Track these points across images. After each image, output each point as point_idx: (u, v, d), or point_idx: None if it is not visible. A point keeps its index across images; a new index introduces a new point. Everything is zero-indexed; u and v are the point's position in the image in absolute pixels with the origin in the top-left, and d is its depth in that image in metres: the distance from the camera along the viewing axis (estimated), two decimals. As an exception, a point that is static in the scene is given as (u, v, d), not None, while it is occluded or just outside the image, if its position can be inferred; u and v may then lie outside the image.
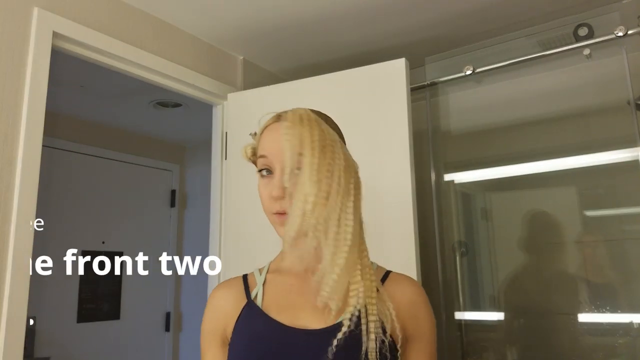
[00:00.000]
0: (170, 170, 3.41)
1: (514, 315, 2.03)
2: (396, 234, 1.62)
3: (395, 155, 1.66)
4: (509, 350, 1.93)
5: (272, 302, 0.82)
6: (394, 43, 2.07)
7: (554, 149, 2.02)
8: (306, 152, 0.74)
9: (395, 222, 1.63)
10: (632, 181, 1.81)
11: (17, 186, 1.37)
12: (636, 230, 1.89)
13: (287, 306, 0.80)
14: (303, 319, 0.78)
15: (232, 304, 0.83)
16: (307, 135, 0.76)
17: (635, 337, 1.76)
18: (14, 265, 1.32)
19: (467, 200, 2.23)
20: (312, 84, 1.87)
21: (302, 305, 0.80)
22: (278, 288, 0.84)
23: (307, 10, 1.82)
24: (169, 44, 1.87)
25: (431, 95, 2.03)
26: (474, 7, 1.82)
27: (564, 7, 1.81)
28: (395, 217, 1.63)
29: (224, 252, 1.94)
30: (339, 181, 0.75)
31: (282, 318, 0.78)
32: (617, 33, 1.62)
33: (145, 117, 2.94)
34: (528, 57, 1.80)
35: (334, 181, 0.75)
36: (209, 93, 2.02)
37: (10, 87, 1.39)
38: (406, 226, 1.61)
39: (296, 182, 0.74)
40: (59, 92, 2.39)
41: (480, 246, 2.15)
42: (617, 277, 1.90)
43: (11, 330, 1.30)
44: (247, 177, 1.98)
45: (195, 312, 3.12)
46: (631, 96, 1.70)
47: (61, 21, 1.52)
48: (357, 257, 0.77)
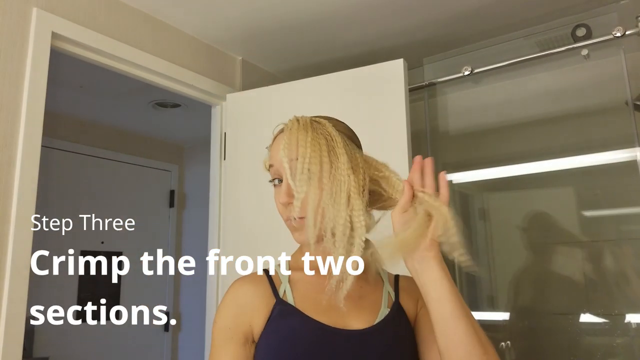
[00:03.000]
0: (169, 171, 3.41)
1: (512, 315, 2.03)
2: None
3: (394, 156, 1.65)
4: (508, 350, 1.93)
5: (305, 300, 0.79)
6: (392, 44, 2.08)
7: (552, 149, 2.02)
8: (299, 157, 0.76)
9: (393, 222, 1.63)
10: (630, 181, 1.81)
11: (17, 186, 1.37)
12: (634, 230, 1.90)
13: (323, 305, 0.78)
14: (342, 318, 0.77)
15: (260, 300, 0.79)
16: (301, 139, 0.77)
17: (633, 337, 1.76)
18: (13, 265, 1.32)
19: (465, 201, 2.23)
20: (311, 84, 1.87)
21: (337, 305, 0.77)
22: (307, 287, 0.82)
23: (306, 11, 1.82)
24: (168, 45, 1.88)
25: (429, 95, 2.04)
26: (472, 8, 1.82)
27: (562, 8, 1.82)
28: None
29: (223, 252, 1.95)
30: (342, 182, 0.76)
31: (321, 317, 0.77)
32: (615, 33, 1.61)
33: (144, 118, 2.94)
34: (526, 58, 1.80)
35: (335, 184, 0.76)
36: (207, 93, 2.02)
37: (9, 87, 1.39)
38: (404, 226, 1.61)
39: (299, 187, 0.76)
40: (58, 92, 2.40)
41: (478, 246, 2.15)
42: (615, 277, 1.90)
43: (10, 330, 1.30)
44: (246, 178, 1.99)
45: (195, 312, 3.13)
46: (629, 96, 1.70)
47: (60, 22, 1.53)
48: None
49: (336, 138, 0.80)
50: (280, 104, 1.90)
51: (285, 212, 0.80)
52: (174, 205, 3.37)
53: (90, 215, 1.28)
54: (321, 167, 0.76)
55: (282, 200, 0.78)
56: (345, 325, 0.77)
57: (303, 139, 0.77)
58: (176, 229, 3.35)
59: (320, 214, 0.74)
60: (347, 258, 0.74)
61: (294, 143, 0.77)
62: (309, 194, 0.75)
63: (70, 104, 2.66)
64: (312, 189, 0.75)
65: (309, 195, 0.75)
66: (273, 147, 0.84)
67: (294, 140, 0.78)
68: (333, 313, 0.77)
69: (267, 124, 1.98)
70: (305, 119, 0.82)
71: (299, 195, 0.75)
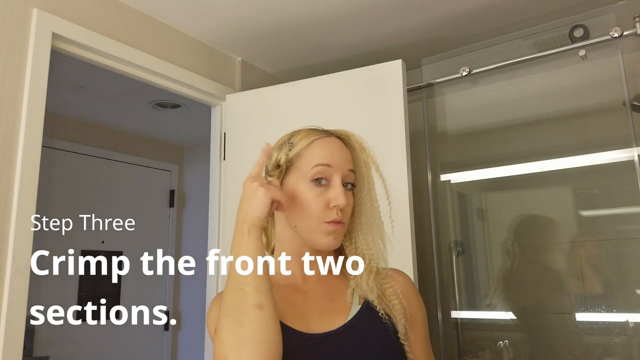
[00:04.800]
0: (169, 171, 3.42)
1: (509, 315, 2.04)
2: (393, 233, 1.63)
3: (392, 156, 1.67)
4: (505, 349, 1.93)
5: (280, 309, 0.80)
6: (390, 45, 2.08)
7: (550, 150, 2.03)
8: (365, 170, 0.88)
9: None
10: (627, 181, 1.82)
11: (17, 186, 1.37)
12: (631, 230, 1.90)
13: (296, 313, 0.81)
14: (316, 325, 0.80)
15: None
16: (369, 154, 0.89)
17: (630, 337, 1.77)
18: (13, 265, 1.33)
19: (463, 200, 2.24)
20: (310, 85, 1.88)
21: (310, 311, 0.82)
22: (281, 295, 0.83)
23: (305, 12, 1.83)
24: (167, 46, 1.88)
25: (427, 96, 2.04)
26: (470, 9, 1.83)
27: (560, 9, 1.82)
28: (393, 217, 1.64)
29: (223, 252, 1.95)
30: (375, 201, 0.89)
31: (297, 324, 0.79)
32: (613, 34, 1.62)
33: (145, 118, 2.95)
34: (524, 58, 1.81)
35: (374, 203, 0.89)
36: (207, 94, 2.03)
37: (10, 87, 1.40)
38: (403, 226, 1.62)
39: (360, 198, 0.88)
40: (58, 92, 2.40)
41: (476, 246, 2.16)
42: (612, 277, 1.91)
43: (10, 330, 1.31)
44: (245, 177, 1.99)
45: (194, 311, 3.14)
46: (626, 97, 1.71)
47: (60, 22, 1.53)
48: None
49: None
50: (279, 104, 1.91)
51: (329, 214, 0.81)
52: (174, 205, 3.37)
53: (90, 215, 1.29)
54: (369, 186, 0.88)
55: (342, 203, 0.81)
56: (319, 330, 0.79)
57: (368, 157, 0.88)
58: (176, 229, 3.35)
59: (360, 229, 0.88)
60: (370, 263, 0.86)
61: (367, 158, 0.88)
62: (352, 204, 0.86)
63: (70, 104, 2.67)
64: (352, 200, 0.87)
65: (352, 204, 0.87)
66: (324, 147, 0.85)
67: (366, 155, 0.88)
68: (306, 319, 0.80)
69: (267, 124, 2.00)
70: (358, 137, 0.91)
71: (348, 203, 0.84)
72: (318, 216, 0.81)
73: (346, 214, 0.83)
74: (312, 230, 0.82)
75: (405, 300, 0.84)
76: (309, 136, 0.86)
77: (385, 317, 0.81)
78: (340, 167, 0.83)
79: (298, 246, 0.86)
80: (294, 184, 0.84)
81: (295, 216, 0.84)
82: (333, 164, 0.83)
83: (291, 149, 0.86)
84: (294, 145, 0.86)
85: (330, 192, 0.82)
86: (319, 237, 0.82)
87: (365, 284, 0.83)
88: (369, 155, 0.88)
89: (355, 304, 0.82)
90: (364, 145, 0.89)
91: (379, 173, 0.89)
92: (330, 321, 0.80)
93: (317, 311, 0.82)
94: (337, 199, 0.81)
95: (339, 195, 0.81)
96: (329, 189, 0.82)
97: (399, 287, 0.86)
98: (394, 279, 0.87)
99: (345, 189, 0.83)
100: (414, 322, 0.85)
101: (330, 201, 0.81)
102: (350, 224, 0.87)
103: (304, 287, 0.85)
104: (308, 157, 0.84)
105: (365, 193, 0.87)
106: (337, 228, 0.81)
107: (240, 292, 0.72)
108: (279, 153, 0.87)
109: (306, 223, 0.82)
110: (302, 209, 0.82)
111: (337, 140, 0.87)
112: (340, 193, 0.81)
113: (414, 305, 0.86)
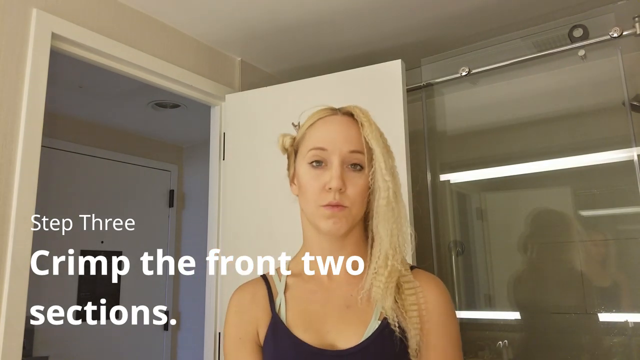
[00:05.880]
0: (168, 171, 3.42)
1: (510, 315, 2.04)
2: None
3: (392, 156, 1.67)
4: (505, 349, 1.94)
5: (297, 315, 0.79)
6: (390, 44, 2.08)
7: (549, 150, 2.03)
8: (381, 150, 0.80)
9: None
10: (627, 181, 1.82)
11: (17, 186, 1.37)
12: (631, 230, 1.90)
13: (312, 320, 0.78)
14: (329, 336, 0.76)
15: (261, 310, 0.82)
16: (375, 133, 0.81)
17: (630, 337, 1.77)
18: (13, 265, 1.33)
19: (463, 200, 2.24)
20: (309, 85, 1.88)
21: (325, 319, 0.78)
22: (301, 297, 0.81)
23: (304, 13, 1.83)
24: (167, 46, 1.88)
25: (427, 96, 2.05)
26: (469, 9, 1.83)
27: (559, 9, 1.82)
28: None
29: (223, 252, 1.95)
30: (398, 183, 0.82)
31: (308, 337, 0.76)
32: (612, 34, 1.62)
33: (144, 118, 2.95)
34: (523, 59, 1.81)
35: (397, 183, 0.81)
36: (207, 94, 2.03)
37: (9, 88, 1.40)
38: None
39: (375, 178, 0.79)
40: (58, 92, 2.40)
41: (475, 246, 2.16)
42: (612, 277, 1.91)
43: (10, 330, 1.31)
44: (245, 177, 2.00)
45: (194, 312, 3.14)
46: (626, 97, 1.71)
47: (60, 22, 1.53)
48: (400, 263, 0.79)
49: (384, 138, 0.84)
50: (278, 104, 1.91)
51: (326, 197, 0.77)
52: (174, 205, 3.38)
53: (90, 215, 1.29)
54: (383, 164, 0.79)
55: (335, 185, 0.76)
56: (332, 343, 0.76)
57: (377, 134, 0.81)
58: (176, 229, 3.35)
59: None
60: (386, 260, 0.78)
61: (374, 135, 0.80)
62: (362, 186, 0.79)
63: (70, 104, 2.67)
64: (365, 182, 0.79)
65: (362, 187, 0.79)
66: (323, 129, 0.82)
67: (374, 132, 0.81)
68: (321, 328, 0.77)
69: (266, 124, 1.99)
70: (366, 111, 0.85)
71: (355, 187, 0.78)
72: (315, 199, 0.78)
73: (349, 197, 0.77)
74: (312, 215, 0.79)
75: (428, 315, 0.77)
76: (312, 117, 0.85)
77: (399, 334, 0.74)
78: (338, 148, 0.79)
79: (324, 242, 0.83)
80: (298, 168, 0.83)
81: (301, 200, 0.82)
82: (328, 147, 0.79)
83: (297, 132, 0.86)
84: (299, 128, 0.86)
85: (326, 174, 0.78)
86: (319, 222, 0.78)
87: (381, 289, 0.76)
88: (377, 130, 0.82)
89: (375, 319, 0.76)
90: (371, 120, 0.83)
91: (387, 149, 0.83)
92: (345, 335, 0.76)
93: (332, 318, 0.78)
94: (331, 181, 0.77)
95: (333, 176, 0.77)
96: (326, 171, 0.78)
97: (425, 298, 0.78)
98: (423, 287, 0.79)
99: (352, 171, 0.78)
100: (429, 344, 0.76)
101: (326, 184, 0.77)
102: (370, 211, 0.82)
103: (330, 285, 0.82)
104: (307, 140, 0.83)
105: (379, 173, 0.79)
106: (336, 212, 0.76)
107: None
108: (284, 138, 0.87)
109: (308, 207, 0.80)
110: (303, 193, 0.81)
111: (342, 118, 0.83)
112: (335, 175, 0.76)
113: (439, 323, 0.77)
